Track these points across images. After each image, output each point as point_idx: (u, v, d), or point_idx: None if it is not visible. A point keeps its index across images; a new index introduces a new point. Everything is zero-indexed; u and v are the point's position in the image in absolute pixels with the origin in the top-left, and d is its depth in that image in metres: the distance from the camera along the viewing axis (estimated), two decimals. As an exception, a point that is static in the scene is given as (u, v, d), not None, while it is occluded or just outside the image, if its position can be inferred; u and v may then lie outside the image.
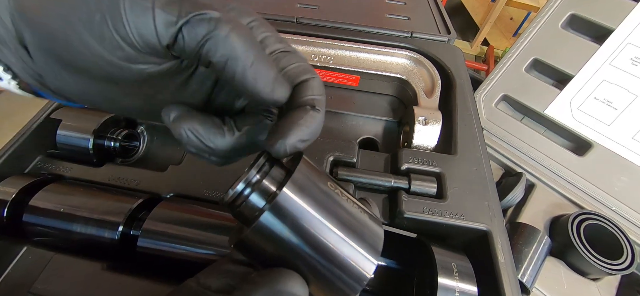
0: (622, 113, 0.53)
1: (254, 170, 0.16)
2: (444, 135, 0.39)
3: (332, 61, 0.48)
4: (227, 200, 0.17)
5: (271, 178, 0.16)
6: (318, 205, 0.16)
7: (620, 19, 0.54)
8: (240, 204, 0.16)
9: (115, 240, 0.29)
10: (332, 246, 0.16)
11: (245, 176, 0.16)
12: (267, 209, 0.15)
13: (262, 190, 0.16)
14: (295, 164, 0.17)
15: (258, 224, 0.15)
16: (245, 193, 0.16)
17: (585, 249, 0.44)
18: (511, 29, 2.20)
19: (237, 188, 0.16)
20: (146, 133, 0.44)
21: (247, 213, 0.16)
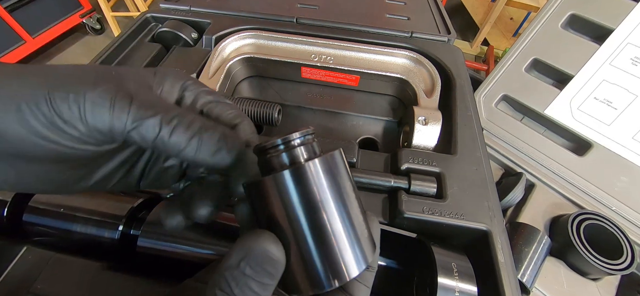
0: (622, 113, 0.53)
1: (298, 134, 0.17)
2: (444, 135, 0.39)
3: (332, 61, 0.48)
4: (261, 145, 0.18)
5: (308, 149, 0.18)
6: (333, 193, 0.17)
7: (620, 19, 0.54)
8: (271, 154, 0.17)
9: (115, 240, 0.29)
10: (329, 233, 0.16)
11: (289, 135, 0.17)
12: (291, 168, 0.16)
13: (295, 153, 0.17)
14: (331, 152, 0.18)
15: (278, 177, 0.16)
16: (280, 147, 0.17)
17: (585, 249, 0.44)
18: (511, 29, 2.20)
19: (276, 140, 0.17)
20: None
21: (273, 164, 0.17)
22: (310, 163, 0.16)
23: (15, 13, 1.79)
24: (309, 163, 0.16)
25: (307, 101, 0.49)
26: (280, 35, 0.50)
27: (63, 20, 2.04)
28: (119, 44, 0.50)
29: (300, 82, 0.51)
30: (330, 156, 0.17)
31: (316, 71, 0.49)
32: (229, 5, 0.59)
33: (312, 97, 0.50)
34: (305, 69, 0.49)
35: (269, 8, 0.59)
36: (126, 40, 0.51)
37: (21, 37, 1.83)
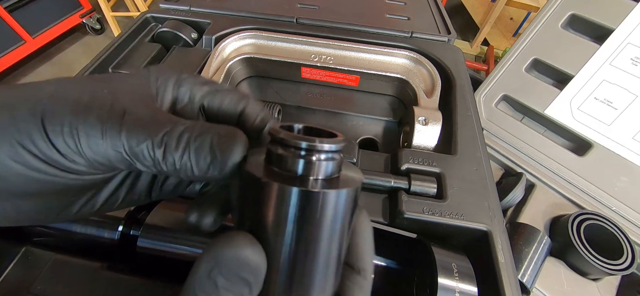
0: (622, 113, 0.53)
1: (328, 146, 0.14)
2: (444, 135, 0.39)
3: (332, 61, 0.48)
4: (278, 135, 0.15)
5: (331, 167, 0.15)
6: (336, 229, 0.15)
7: (620, 19, 0.54)
8: (286, 152, 0.14)
9: (115, 240, 0.29)
10: (313, 261, 0.14)
11: (316, 142, 0.14)
12: (306, 190, 0.13)
13: (316, 168, 0.14)
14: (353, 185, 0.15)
15: (285, 190, 0.13)
16: (301, 151, 0.14)
17: (585, 249, 0.44)
18: (511, 29, 2.20)
19: (299, 142, 0.14)
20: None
21: (284, 165, 0.14)
22: (330, 192, 0.13)
23: (15, 13, 1.79)
24: (328, 192, 0.13)
25: (307, 101, 0.49)
26: (280, 35, 0.50)
27: (63, 20, 2.05)
28: (119, 44, 0.50)
29: (300, 82, 0.51)
30: (351, 189, 0.14)
31: (316, 71, 0.49)
32: (229, 5, 0.59)
33: (312, 97, 0.50)
34: (305, 69, 0.49)
35: (269, 8, 0.59)
36: (126, 40, 0.51)
37: (21, 37, 1.83)
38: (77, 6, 2.12)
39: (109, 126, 0.15)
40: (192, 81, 0.20)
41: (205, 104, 0.20)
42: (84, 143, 0.14)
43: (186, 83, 0.20)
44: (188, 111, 0.20)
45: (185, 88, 0.20)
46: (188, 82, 0.20)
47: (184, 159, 0.15)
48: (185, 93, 0.20)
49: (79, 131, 0.14)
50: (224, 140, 0.16)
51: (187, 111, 0.20)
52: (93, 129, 0.14)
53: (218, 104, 0.20)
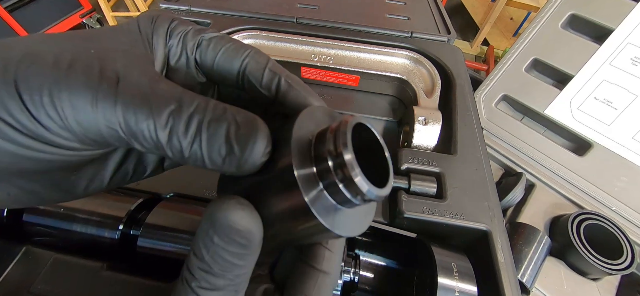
0: (622, 113, 0.53)
1: (376, 195, 0.13)
2: (444, 135, 0.39)
3: (332, 61, 0.48)
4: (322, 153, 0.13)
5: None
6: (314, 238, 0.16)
7: (620, 19, 0.54)
8: (332, 178, 0.13)
9: (115, 240, 0.29)
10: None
11: (380, 194, 0.13)
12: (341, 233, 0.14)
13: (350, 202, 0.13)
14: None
15: (318, 221, 0.13)
16: (348, 190, 0.13)
17: (585, 249, 0.44)
18: (511, 29, 2.20)
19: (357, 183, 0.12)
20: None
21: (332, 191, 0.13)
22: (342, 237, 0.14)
23: (15, 13, 1.79)
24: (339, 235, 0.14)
25: (307, 101, 0.49)
26: (280, 35, 0.50)
27: (63, 20, 2.05)
28: (119, 44, 0.49)
29: (300, 82, 0.51)
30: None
31: (316, 71, 0.49)
32: (229, 5, 0.59)
33: (312, 97, 0.50)
34: (306, 69, 0.49)
35: (269, 8, 0.59)
36: (126, 40, 0.51)
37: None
38: (77, 6, 2.12)
39: (102, 96, 0.12)
40: (183, 28, 0.17)
41: (197, 57, 0.18)
42: (69, 116, 0.12)
43: (176, 32, 0.17)
44: (182, 68, 0.18)
45: (176, 38, 0.17)
46: (178, 31, 0.17)
47: (194, 148, 0.13)
48: (177, 44, 0.17)
49: (62, 100, 0.12)
50: (243, 132, 0.13)
51: (181, 67, 0.18)
52: (80, 98, 0.12)
53: (212, 57, 0.17)
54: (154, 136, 0.13)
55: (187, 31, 0.17)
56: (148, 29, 0.17)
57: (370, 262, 0.30)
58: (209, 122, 0.13)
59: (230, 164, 0.13)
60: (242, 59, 0.17)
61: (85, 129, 0.13)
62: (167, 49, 0.17)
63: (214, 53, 0.17)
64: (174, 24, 0.17)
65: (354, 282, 0.29)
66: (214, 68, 0.17)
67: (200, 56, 0.17)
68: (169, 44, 0.17)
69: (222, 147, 0.13)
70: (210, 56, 0.17)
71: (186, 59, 0.18)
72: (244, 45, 0.18)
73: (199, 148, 0.13)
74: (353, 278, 0.29)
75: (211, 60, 0.17)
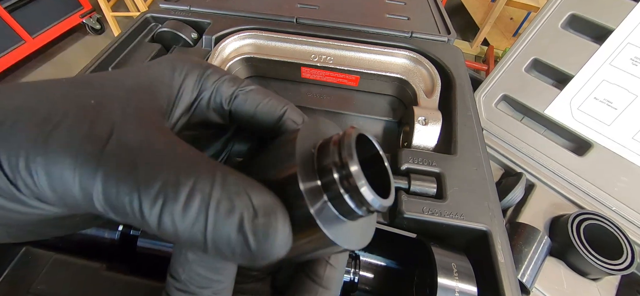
0: (622, 113, 0.53)
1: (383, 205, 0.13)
2: (444, 135, 0.39)
3: (332, 61, 0.48)
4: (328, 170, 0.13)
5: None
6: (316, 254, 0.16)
7: (620, 19, 0.54)
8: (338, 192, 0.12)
9: (115, 240, 0.29)
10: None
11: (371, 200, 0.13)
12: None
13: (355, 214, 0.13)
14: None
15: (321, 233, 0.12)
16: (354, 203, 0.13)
17: (585, 249, 0.44)
18: (511, 29, 2.20)
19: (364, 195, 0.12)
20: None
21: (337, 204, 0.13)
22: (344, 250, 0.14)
23: (15, 13, 1.79)
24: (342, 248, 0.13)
25: (307, 101, 0.49)
26: (280, 35, 0.50)
27: (63, 20, 2.05)
28: (118, 44, 0.50)
29: (300, 82, 0.51)
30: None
31: (316, 71, 0.49)
32: (229, 5, 0.59)
33: (312, 97, 0.50)
34: (305, 69, 0.49)
35: (269, 8, 0.59)
36: (126, 40, 0.51)
37: (21, 37, 1.83)
38: (77, 6, 2.12)
39: (81, 161, 0.10)
40: (217, 77, 0.17)
41: (232, 108, 0.17)
42: (43, 183, 0.10)
43: (211, 79, 0.17)
44: (217, 116, 0.18)
45: (209, 85, 0.17)
46: (212, 78, 0.17)
47: (193, 232, 0.10)
48: (208, 91, 0.17)
49: (37, 165, 0.10)
50: (261, 221, 0.11)
51: (216, 114, 0.18)
52: (57, 164, 0.10)
53: (250, 107, 0.17)
54: (137, 214, 0.10)
55: (222, 83, 0.17)
56: (178, 74, 0.16)
57: (370, 262, 0.30)
58: (219, 202, 0.11)
59: (241, 257, 0.11)
60: (281, 114, 0.17)
61: (61, 197, 0.11)
62: (197, 93, 0.17)
63: (251, 107, 0.17)
64: (209, 71, 0.17)
65: (354, 282, 0.29)
66: (249, 121, 0.18)
67: (237, 107, 0.17)
68: (201, 88, 0.17)
69: (233, 236, 0.11)
70: (248, 109, 0.17)
71: (216, 105, 0.17)
72: (281, 100, 0.18)
73: (202, 233, 0.11)
74: (353, 279, 0.29)
75: (249, 113, 0.17)
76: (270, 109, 0.17)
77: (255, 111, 0.17)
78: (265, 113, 0.17)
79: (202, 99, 0.17)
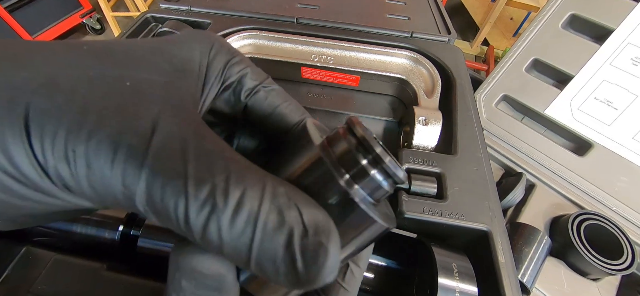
0: (622, 113, 0.53)
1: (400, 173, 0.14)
2: (444, 135, 0.39)
3: (332, 61, 0.48)
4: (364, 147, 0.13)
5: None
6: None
7: (621, 19, 0.54)
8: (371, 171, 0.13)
9: (115, 240, 0.29)
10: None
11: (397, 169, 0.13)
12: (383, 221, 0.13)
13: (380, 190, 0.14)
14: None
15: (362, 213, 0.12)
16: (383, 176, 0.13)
17: (586, 249, 0.44)
18: (511, 29, 2.20)
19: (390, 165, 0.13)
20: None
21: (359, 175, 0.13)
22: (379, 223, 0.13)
23: (15, 13, 1.79)
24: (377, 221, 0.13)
25: (307, 101, 0.49)
26: (280, 35, 0.50)
27: (63, 20, 2.05)
28: (119, 44, 0.49)
29: (300, 82, 0.51)
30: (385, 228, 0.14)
31: (316, 71, 0.49)
32: (229, 5, 0.59)
33: (312, 97, 0.50)
34: (306, 69, 0.49)
35: (269, 8, 0.59)
36: (126, 40, 0.51)
37: (21, 37, 1.83)
38: (77, 6, 2.12)
39: (126, 155, 0.09)
40: (243, 66, 0.16)
41: (250, 102, 0.16)
42: (81, 173, 0.10)
43: (236, 68, 0.16)
44: (229, 105, 0.17)
45: (234, 74, 0.16)
46: (238, 67, 0.16)
47: (238, 245, 0.10)
48: (231, 80, 0.16)
49: (78, 155, 0.09)
50: (312, 240, 0.10)
51: (228, 104, 0.17)
52: (100, 155, 0.09)
53: (269, 107, 0.16)
54: (181, 219, 0.10)
55: (247, 74, 0.16)
56: (204, 57, 0.15)
57: (370, 262, 0.30)
58: (268, 215, 0.10)
59: (285, 278, 0.10)
60: (297, 121, 0.17)
61: (99, 194, 0.10)
62: (222, 83, 0.16)
63: (270, 107, 0.16)
64: (235, 60, 0.16)
65: (354, 282, 0.29)
66: (263, 120, 0.17)
67: (255, 103, 0.16)
68: (226, 81, 0.16)
69: (280, 254, 0.10)
70: (266, 108, 0.16)
71: (236, 98, 0.16)
72: (301, 108, 0.17)
73: (248, 246, 0.10)
74: (353, 278, 0.29)
75: (266, 112, 0.16)
76: (288, 115, 0.17)
77: (273, 112, 0.16)
78: (282, 117, 0.16)
79: (226, 88, 0.16)
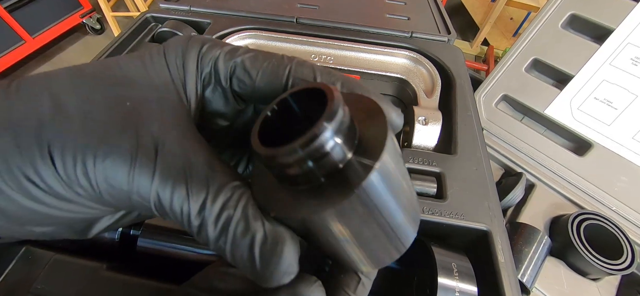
0: (622, 113, 0.53)
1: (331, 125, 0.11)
2: (444, 135, 0.39)
3: (332, 61, 0.48)
4: (316, 146, 0.11)
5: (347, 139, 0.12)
6: (401, 172, 0.13)
7: (620, 19, 0.54)
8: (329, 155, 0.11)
9: (115, 240, 0.29)
10: (400, 222, 0.13)
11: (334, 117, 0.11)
12: (375, 166, 0.11)
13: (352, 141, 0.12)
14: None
15: (367, 183, 0.11)
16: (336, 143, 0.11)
17: (585, 249, 0.44)
18: (511, 29, 2.20)
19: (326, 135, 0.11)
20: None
21: (348, 173, 0.11)
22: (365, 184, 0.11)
23: (15, 13, 1.79)
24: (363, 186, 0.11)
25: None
26: (280, 35, 0.50)
27: (63, 20, 2.05)
28: (119, 44, 0.49)
29: (300, 82, 0.51)
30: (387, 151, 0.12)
31: (316, 71, 0.49)
32: (229, 5, 0.59)
33: (312, 97, 0.50)
34: (305, 69, 0.49)
35: (269, 8, 0.59)
36: (126, 40, 0.51)
37: (21, 37, 1.83)
38: (77, 6, 2.12)
39: (138, 170, 0.12)
40: (213, 54, 0.15)
41: (234, 86, 0.16)
42: (102, 186, 0.12)
43: (208, 59, 0.15)
44: (216, 95, 0.16)
45: (208, 67, 0.15)
46: (209, 57, 0.15)
47: (219, 244, 0.12)
48: (208, 71, 0.16)
49: (97, 171, 0.11)
50: (268, 248, 0.12)
51: (215, 94, 0.16)
52: (117, 170, 0.12)
53: (250, 82, 0.15)
54: (185, 220, 0.12)
55: (217, 57, 0.15)
56: (178, 67, 0.15)
57: (370, 262, 0.30)
58: (237, 223, 0.12)
59: (251, 274, 0.13)
60: (285, 73, 0.15)
61: (116, 199, 0.12)
62: (201, 81, 0.16)
63: (251, 78, 0.15)
64: (205, 49, 0.16)
65: (354, 282, 0.29)
66: (255, 91, 0.16)
67: (237, 83, 0.16)
68: (203, 75, 0.16)
69: (245, 255, 0.12)
70: (249, 81, 0.15)
71: (222, 89, 0.16)
72: (283, 58, 0.15)
73: (224, 246, 0.12)
74: (353, 278, 0.29)
75: (250, 84, 0.15)
76: (272, 75, 0.15)
77: (256, 82, 0.15)
78: (268, 81, 0.15)
79: (206, 83, 0.16)
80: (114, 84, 0.13)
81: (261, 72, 0.15)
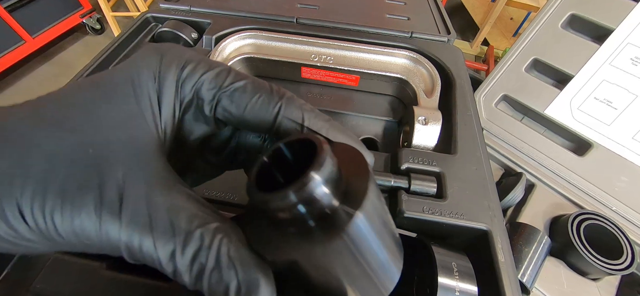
0: (622, 113, 0.53)
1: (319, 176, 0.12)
2: (444, 135, 0.39)
3: (332, 61, 0.48)
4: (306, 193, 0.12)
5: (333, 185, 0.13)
6: (383, 213, 0.14)
7: (620, 19, 0.54)
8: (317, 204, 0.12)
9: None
10: (384, 261, 0.14)
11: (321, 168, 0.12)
12: (359, 209, 0.12)
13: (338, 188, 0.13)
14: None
15: (353, 225, 0.12)
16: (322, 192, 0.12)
17: (585, 249, 0.44)
18: (511, 29, 2.21)
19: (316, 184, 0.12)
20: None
21: (333, 216, 0.12)
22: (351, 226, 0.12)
23: (15, 13, 1.79)
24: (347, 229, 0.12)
25: (307, 101, 0.49)
26: (280, 35, 0.50)
27: (63, 20, 2.05)
28: (119, 44, 0.50)
29: (300, 82, 0.51)
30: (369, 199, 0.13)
31: (316, 71, 0.49)
32: (229, 5, 0.59)
33: (312, 97, 0.50)
34: (305, 69, 0.49)
35: (269, 8, 0.59)
36: (126, 40, 0.51)
37: (21, 37, 1.83)
38: (77, 6, 2.12)
39: (104, 226, 0.12)
40: (196, 77, 0.15)
41: (218, 115, 0.15)
42: (72, 237, 0.12)
43: (190, 83, 0.15)
44: (196, 119, 0.16)
45: (189, 86, 0.15)
46: (192, 81, 0.15)
47: (197, 286, 0.13)
48: (190, 92, 0.15)
49: (64, 224, 0.12)
50: (243, 293, 0.12)
51: (195, 119, 0.16)
52: (82, 226, 0.12)
53: (238, 110, 0.15)
54: (158, 267, 0.13)
55: (201, 84, 0.15)
56: (151, 96, 0.14)
57: (370, 262, 0.30)
58: (211, 273, 0.12)
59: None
60: (275, 112, 0.15)
61: (90, 246, 0.12)
62: (181, 108, 0.15)
63: (239, 110, 0.15)
64: (186, 72, 0.15)
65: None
66: (240, 122, 0.15)
67: (222, 113, 0.15)
68: (183, 102, 0.15)
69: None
70: (236, 112, 0.15)
71: (203, 116, 0.16)
72: (272, 93, 0.15)
73: (201, 290, 0.13)
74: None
75: (237, 116, 0.15)
76: (261, 111, 0.15)
77: (243, 114, 0.15)
78: (256, 115, 0.15)
79: (188, 103, 0.15)
80: (74, 129, 0.13)
81: (250, 106, 0.15)
